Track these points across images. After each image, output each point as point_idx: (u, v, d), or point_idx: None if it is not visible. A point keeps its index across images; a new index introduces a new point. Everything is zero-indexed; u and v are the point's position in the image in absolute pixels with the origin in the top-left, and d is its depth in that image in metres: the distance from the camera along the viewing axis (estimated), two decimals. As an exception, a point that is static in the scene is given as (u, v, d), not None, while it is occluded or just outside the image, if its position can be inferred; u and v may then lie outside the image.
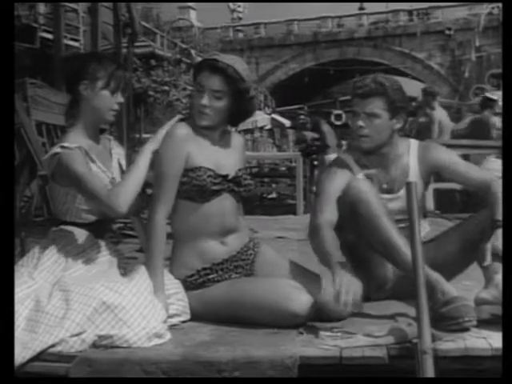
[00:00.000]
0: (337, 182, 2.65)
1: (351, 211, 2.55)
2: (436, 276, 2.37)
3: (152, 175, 2.52)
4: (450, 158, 2.75)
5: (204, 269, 2.50)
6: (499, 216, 2.44)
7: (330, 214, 2.57)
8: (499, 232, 2.40)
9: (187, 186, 2.48)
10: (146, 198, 2.60)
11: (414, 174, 2.73)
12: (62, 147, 2.44)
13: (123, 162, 2.69)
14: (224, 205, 2.52)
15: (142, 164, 2.47)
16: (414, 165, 2.74)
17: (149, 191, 2.60)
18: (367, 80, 2.68)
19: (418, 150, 2.77)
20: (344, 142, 9.72)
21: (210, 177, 2.48)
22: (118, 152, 2.70)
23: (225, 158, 2.57)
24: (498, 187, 2.53)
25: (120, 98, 2.56)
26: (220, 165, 2.53)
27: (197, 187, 2.47)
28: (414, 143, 2.80)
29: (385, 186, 2.72)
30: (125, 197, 2.40)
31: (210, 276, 2.50)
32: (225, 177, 2.52)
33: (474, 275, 2.63)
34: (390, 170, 2.74)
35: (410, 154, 2.76)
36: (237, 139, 2.68)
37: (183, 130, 2.50)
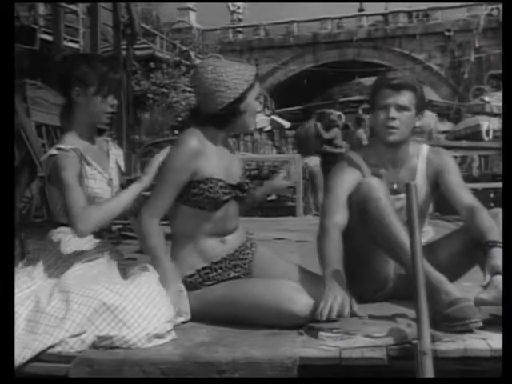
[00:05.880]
0: (346, 181, 2.65)
1: (360, 209, 2.54)
2: (439, 276, 2.36)
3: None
4: (453, 168, 2.74)
5: (204, 268, 2.50)
6: (492, 237, 2.40)
7: (339, 215, 2.57)
8: (494, 251, 2.35)
9: (198, 197, 2.47)
10: (145, 201, 2.59)
11: (421, 176, 2.74)
12: (58, 149, 2.44)
13: (121, 164, 2.69)
14: (229, 210, 2.54)
15: (124, 199, 2.45)
16: (422, 167, 2.75)
17: (147, 193, 2.59)
18: (399, 73, 2.72)
19: (428, 154, 2.77)
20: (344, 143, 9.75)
21: (222, 187, 2.48)
22: (116, 153, 2.70)
23: (230, 166, 2.58)
24: (483, 213, 2.52)
25: (113, 101, 2.55)
26: (228, 173, 2.54)
27: (209, 199, 2.47)
28: (425, 147, 2.80)
29: (395, 186, 2.71)
30: (94, 222, 2.37)
31: (210, 275, 2.50)
32: (233, 185, 2.53)
33: (473, 276, 2.63)
34: (400, 171, 2.74)
35: (419, 157, 2.76)
36: (231, 144, 2.69)
37: (194, 142, 2.46)
